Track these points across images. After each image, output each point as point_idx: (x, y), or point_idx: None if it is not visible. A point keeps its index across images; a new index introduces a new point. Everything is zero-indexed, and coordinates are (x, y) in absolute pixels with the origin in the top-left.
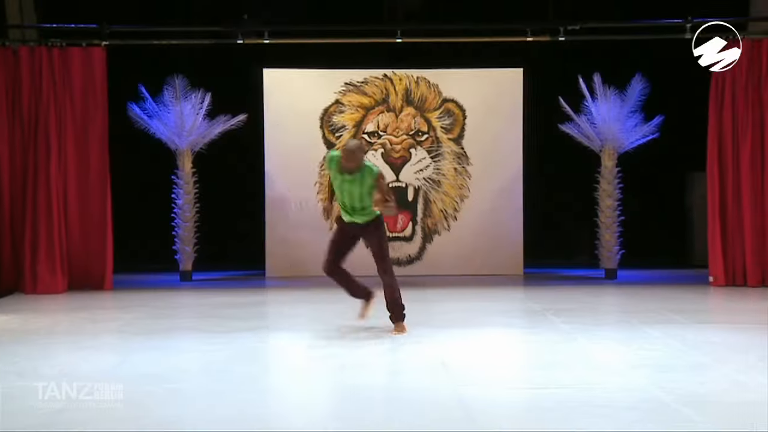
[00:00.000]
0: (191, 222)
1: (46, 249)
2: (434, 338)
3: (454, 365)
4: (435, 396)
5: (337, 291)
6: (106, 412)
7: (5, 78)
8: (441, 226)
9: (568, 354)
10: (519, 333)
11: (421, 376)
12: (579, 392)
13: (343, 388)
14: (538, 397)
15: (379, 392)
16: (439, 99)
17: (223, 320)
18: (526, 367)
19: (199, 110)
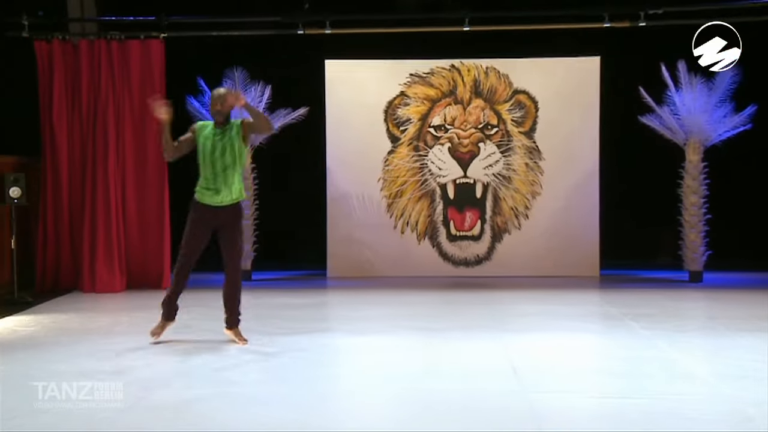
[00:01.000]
0: (250, 220)
1: (104, 247)
2: (504, 343)
3: (526, 371)
4: (505, 403)
5: (402, 292)
6: (160, 414)
7: (65, 72)
8: (511, 224)
9: (648, 362)
10: (595, 339)
11: (491, 381)
12: (661, 403)
13: (408, 393)
14: (616, 407)
15: (446, 398)
16: (509, 90)
17: (283, 322)
18: (603, 375)
19: (259, 104)
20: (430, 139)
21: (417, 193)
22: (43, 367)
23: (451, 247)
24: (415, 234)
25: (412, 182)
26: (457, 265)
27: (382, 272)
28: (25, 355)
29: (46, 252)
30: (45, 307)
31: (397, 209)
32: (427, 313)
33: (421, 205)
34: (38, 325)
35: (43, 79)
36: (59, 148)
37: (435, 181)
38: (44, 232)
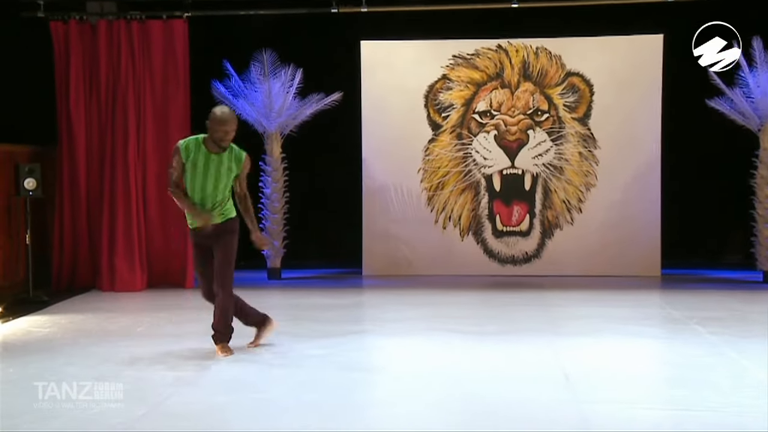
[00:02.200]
0: (280, 214)
1: (124, 242)
2: (556, 347)
3: (579, 379)
4: (556, 413)
5: (444, 292)
6: (179, 423)
7: (83, 54)
8: (563, 219)
9: (715, 370)
10: (656, 344)
11: (541, 389)
12: (724, 416)
13: (449, 401)
14: (676, 419)
15: (491, 407)
16: (561, 72)
17: (316, 324)
18: (664, 385)
19: (290, 88)
20: (474, 127)
21: (460, 185)
22: (58, 371)
23: (497, 243)
24: (458, 229)
25: (455, 173)
26: (504, 263)
27: (422, 271)
28: (40, 357)
29: (63, 248)
30: (61, 306)
31: (439, 203)
32: (471, 315)
33: (464, 198)
34: (54, 326)
35: (60, 62)
36: (76, 137)
37: (480, 172)
38: (60, 227)
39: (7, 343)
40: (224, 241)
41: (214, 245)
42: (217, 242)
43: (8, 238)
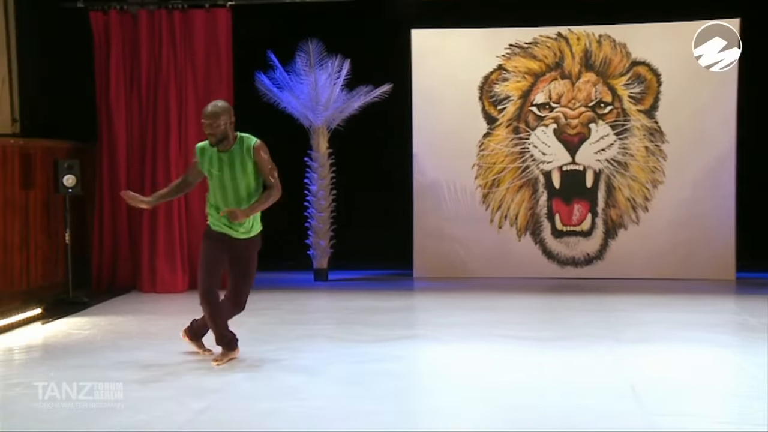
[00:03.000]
0: (327, 212)
1: (165, 243)
2: (621, 356)
3: (647, 390)
4: (621, 426)
5: (499, 295)
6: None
7: (123, 45)
8: (628, 218)
9: None
10: (730, 353)
11: (606, 401)
12: None
13: (510, 409)
14: None
15: (550, 418)
16: (626, 62)
17: (365, 328)
18: (740, 398)
19: (337, 80)
20: (532, 120)
21: (517, 182)
22: (98, 375)
23: (557, 244)
24: (515, 229)
25: (512, 169)
26: (564, 264)
27: (476, 272)
28: (80, 361)
29: (103, 247)
30: (101, 308)
31: (494, 200)
32: (528, 320)
33: (521, 195)
34: (95, 328)
35: (99, 54)
36: (116, 132)
37: (538, 168)
38: (100, 226)
39: (48, 345)
40: (248, 258)
41: (234, 259)
42: (240, 259)
43: (47, 237)
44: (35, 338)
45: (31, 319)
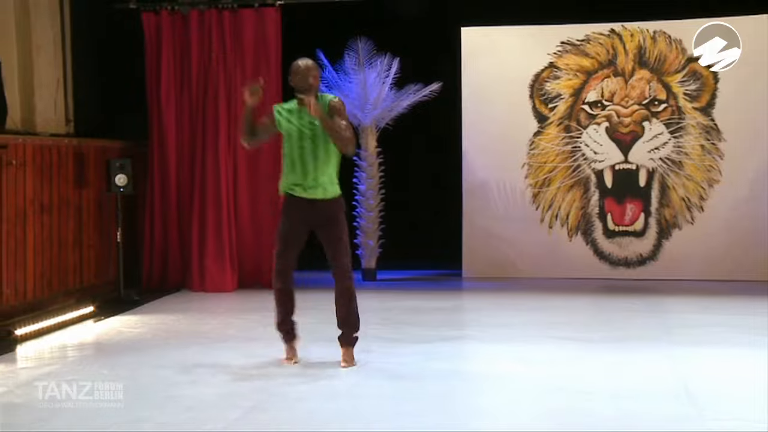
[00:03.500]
0: (375, 211)
1: (214, 241)
2: (675, 358)
3: (702, 394)
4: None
5: (550, 296)
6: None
7: (174, 45)
8: (682, 218)
9: None
10: None
11: (659, 404)
12: None
13: (561, 412)
14: None
15: (602, 422)
16: (682, 58)
17: (413, 328)
18: None
19: (386, 79)
20: (584, 118)
21: (568, 181)
22: (147, 372)
23: (609, 244)
24: (566, 229)
25: (563, 168)
26: (616, 265)
27: (526, 273)
28: (130, 358)
29: (153, 246)
30: (152, 306)
31: (545, 200)
32: (580, 320)
33: (572, 195)
34: (145, 327)
35: (151, 54)
36: (167, 131)
37: (589, 167)
38: (151, 225)
39: (100, 344)
40: (333, 223)
41: (319, 226)
42: (325, 226)
43: (100, 235)
44: (88, 336)
45: (84, 317)
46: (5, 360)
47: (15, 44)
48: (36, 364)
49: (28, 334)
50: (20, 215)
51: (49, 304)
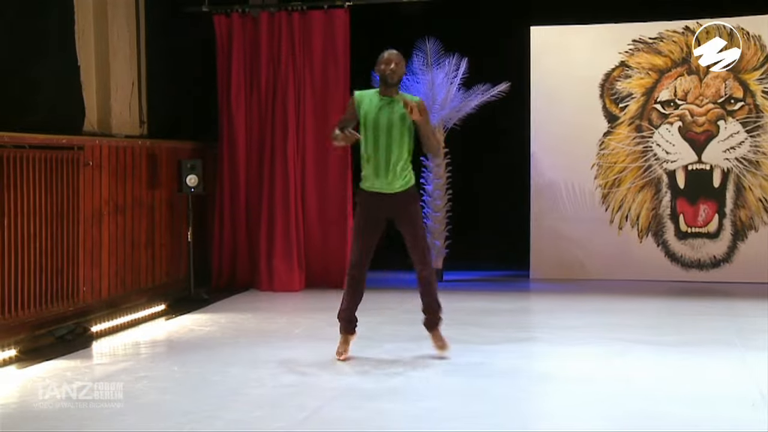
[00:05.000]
0: (442, 212)
1: (282, 241)
2: (749, 362)
3: None
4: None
5: (619, 298)
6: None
7: (244, 47)
8: (759, 219)
9: None
10: None
11: (734, 409)
12: None
13: (631, 416)
14: None
15: (678, 426)
16: (761, 55)
17: (481, 329)
18: None
19: (454, 79)
20: (656, 118)
21: (639, 182)
22: (216, 369)
23: (681, 246)
24: (636, 230)
25: (633, 169)
26: (688, 267)
27: (595, 274)
28: (201, 356)
29: (222, 246)
30: (221, 305)
31: (615, 201)
32: (650, 323)
33: (643, 195)
34: (215, 325)
35: (222, 56)
36: (236, 132)
37: (661, 168)
38: (220, 225)
39: (172, 341)
40: (410, 213)
41: (397, 219)
42: (403, 216)
43: (171, 235)
44: (160, 333)
45: (156, 315)
46: (82, 356)
47: (93, 48)
48: (111, 360)
49: (104, 331)
50: (96, 215)
51: (123, 302)
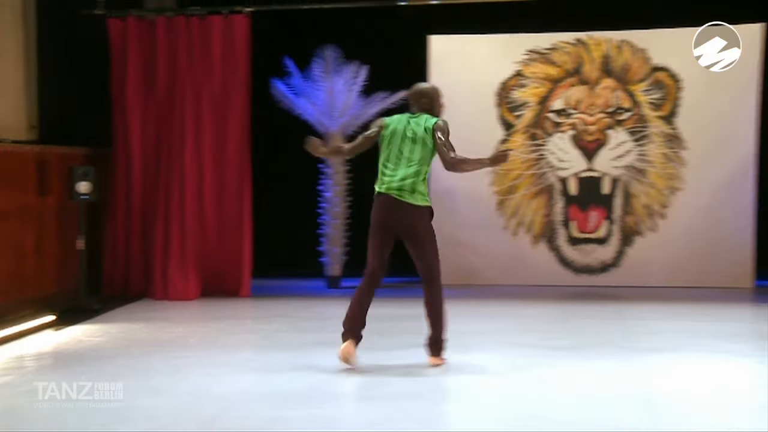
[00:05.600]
0: (341, 219)
1: (178, 249)
2: (635, 365)
3: (661, 401)
4: None
5: (513, 303)
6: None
7: (141, 52)
8: (645, 225)
9: None
10: (748, 363)
11: (617, 412)
12: None
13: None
14: None
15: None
16: (646, 67)
17: (380, 336)
18: (756, 410)
19: (353, 86)
20: (549, 126)
21: (533, 189)
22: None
23: (572, 251)
24: (530, 236)
25: (528, 176)
26: (579, 272)
27: (491, 280)
28: (89, 368)
29: (116, 254)
30: (113, 315)
31: (509, 207)
32: (542, 328)
33: (537, 202)
34: (106, 335)
35: (117, 60)
36: (132, 139)
37: (554, 175)
38: (114, 233)
39: (59, 353)
40: (418, 230)
41: (404, 235)
42: (410, 232)
43: (61, 243)
44: (47, 345)
45: (43, 326)
46: None
47: None
48: None
49: None
50: None
51: (8, 313)
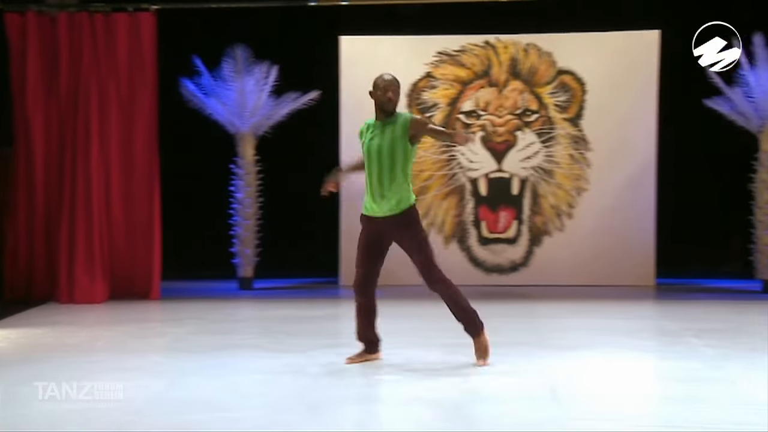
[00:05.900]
0: (253, 220)
1: (84, 251)
2: (542, 362)
3: (567, 395)
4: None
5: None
6: None
7: (42, 49)
8: (552, 225)
9: (713, 386)
10: (649, 358)
11: (525, 407)
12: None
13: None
14: None
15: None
16: (552, 70)
17: (290, 337)
18: (658, 401)
19: (264, 86)
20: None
21: (444, 190)
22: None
23: (483, 251)
24: (442, 236)
25: (439, 177)
26: (490, 272)
27: (403, 280)
28: None
29: (18, 256)
30: (14, 320)
31: (421, 208)
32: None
33: (448, 203)
34: (5, 341)
35: (16, 57)
36: (34, 138)
37: (465, 176)
38: (15, 234)
39: None
40: (409, 236)
41: (397, 240)
42: (402, 237)
43: None
44: None
45: None
46: None
47: None
48: None
49: None
50: None
51: None
